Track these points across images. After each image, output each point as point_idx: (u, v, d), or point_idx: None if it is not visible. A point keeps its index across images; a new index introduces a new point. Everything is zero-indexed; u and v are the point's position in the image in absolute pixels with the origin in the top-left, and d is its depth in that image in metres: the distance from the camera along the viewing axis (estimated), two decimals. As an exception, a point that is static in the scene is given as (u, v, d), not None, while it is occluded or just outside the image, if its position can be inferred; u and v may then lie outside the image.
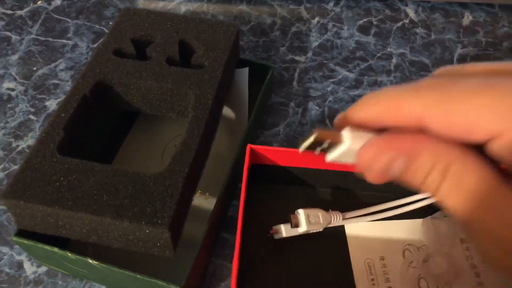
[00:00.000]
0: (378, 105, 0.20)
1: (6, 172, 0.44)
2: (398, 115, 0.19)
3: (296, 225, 0.33)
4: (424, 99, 0.18)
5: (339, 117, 0.23)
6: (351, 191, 0.42)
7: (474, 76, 0.19)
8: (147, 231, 0.30)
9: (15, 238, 0.33)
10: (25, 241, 0.33)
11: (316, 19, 0.58)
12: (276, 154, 0.38)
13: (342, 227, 0.39)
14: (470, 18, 0.59)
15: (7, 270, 0.38)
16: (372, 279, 0.37)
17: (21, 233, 0.33)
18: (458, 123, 0.17)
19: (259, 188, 0.40)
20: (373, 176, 0.20)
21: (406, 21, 0.59)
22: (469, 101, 0.17)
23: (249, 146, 0.37)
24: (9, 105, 0.49)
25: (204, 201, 0.41)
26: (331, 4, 0.60)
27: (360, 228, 0.39)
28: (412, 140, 0.19)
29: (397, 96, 0.20)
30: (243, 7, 0.59)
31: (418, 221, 0.40)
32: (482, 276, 0.37)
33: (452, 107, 0.18)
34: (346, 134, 0.21)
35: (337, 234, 0.39)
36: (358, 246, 0.39)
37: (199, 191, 0.42)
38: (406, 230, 0.40)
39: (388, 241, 0.39)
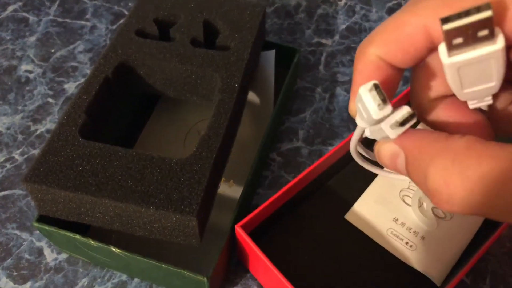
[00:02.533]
0: (378, 43, 0.17)
1: (25, 156, 0.43)
2: (405, 42, 0.17)
3: None
4: (426, 9, 0.16)
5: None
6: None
7: None
8: (174, 218, 0.28)
9: (36, 224, 0.32)
10: (46, 227, 0.32)
11: (343, 1, 0.56)
12: (260, 215, 0.35)
13: (345, 221, 0.38)
14: None
15: (27, 256, 0.37)
16: (406, 243, 0.37)
17: (42, 219, 0.32)
18: None
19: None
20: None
21: (438, 3, 0.56)
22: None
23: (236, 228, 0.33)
24: (27, 88, 0.48)
25: (228, 189, 0.40)
26: (358, -15, 0.58)
27: (359, 209, 0.39)
28: (413, 138, 0.17)
29: (396, 20, 0.17)
30: (266, -11, 0.57)
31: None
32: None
33: (459, 6, 0.15)
34: (500, 34, 0.15)
35: (343, 228, 0.38)
36: (371, 226, 0.38)
37: (223, 178, 0.40)
38: (389, 179, 0.40)
39: (386, 201, 0.39)
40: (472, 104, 0.18)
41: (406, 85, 0.48)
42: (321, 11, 0.55)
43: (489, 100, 0.18)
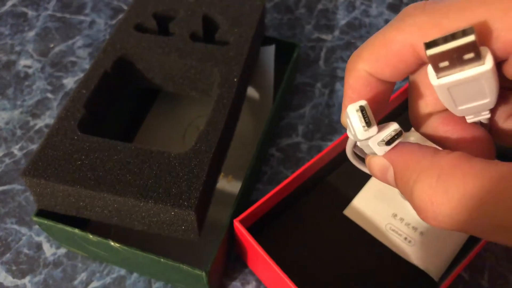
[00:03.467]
0: (367, 59, 0.17)
1: (24, 151, 0.43)
2: (392, 59, 0.17)
3: None
4: (413, 27, 0.16)
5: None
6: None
7: None
8: (172, 213, 0.28)
9: (35, 218, 0.32)
10: (45, 221, 0.32)
11: (343, -4, 0.56)
12: (260, 209, 0.35)
13: (344, 216, 0.38)
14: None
15: (26, 251, 0.37)
16: (405, 238, 0.37)
17: (41, 213, 0.32)
18: None
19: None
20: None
21: (438, -1, 0.56)
22: (467, 12, 0.14)
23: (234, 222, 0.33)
24: (26, 83, 0.48)
25: (227, 184, 0.40)
26: (358, -19, 0.57)
27: (358, 205, 0.39)
28: (401, 153, 0.17)
29: (383, 37, 0.17)
30: (266, -16, 0.57)
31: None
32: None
33: (447, 25, 0.15)
34: (489, 54, 0.15)
35: (342, 223, 0.38)
36: (370, 221, 0.38)
37: (222, 173, 0.40)
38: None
39: (385, 197, 0.39)
40: (470, 119, 0.18)
41: (405, 80, 0.48)
42: (321, 6, 0.55)
43: (486, 114, 0.18)
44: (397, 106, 0.42)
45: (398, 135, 0.17)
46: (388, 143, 0.17)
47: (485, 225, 0.14)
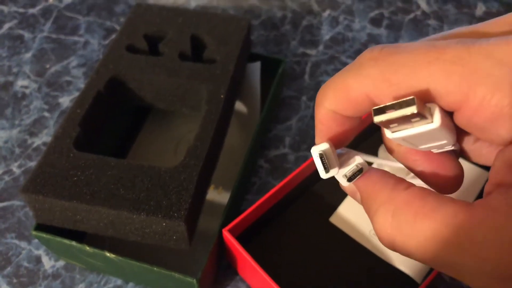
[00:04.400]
0: (331, 100, 0.18)
1: (23, 168, 0.45)
2: (352, 102, 0.18)
3: None
4: (367, 79, 0.17)
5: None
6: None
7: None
8: (164, 224, 0.30)
9: (34, 232, 0.34)
10: (44, 235, 0.33)
11: (327, 12, 0.58)
12: (247, 219, 0.37)
13: (330, 223, 0.40)
14: (483, 8, 0.59)
15: (25, 264, 0.39)
16: None
17: (39, 227, 0.34)
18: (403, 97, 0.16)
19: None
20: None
21: (418, 12, 0.58)
22: (414, 72, 0.15)
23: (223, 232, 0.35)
24: (24, 103, 0.50)
25: (217, 195, 0.42)
26: (342, -3, 0.60)
27: (343, 212, 0.40)
28: (365, 183, 0.18)
29: (343, 82, 0.18)
30: (253, 1, 0.59)
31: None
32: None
33: (395, 82, 0.16)
34: (437, 113, 0.15)
35: (328, 230, 0.40)
36: (354, 228, 0.40)
37: (212, 185, 0.42)
38: None
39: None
40: (435, 151, 0.19)
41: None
42: (305, 23, 0.57)
43: (450, 148, 0.18)
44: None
45: (360, 171, 0.18)
46: (350, 179, 0.19)
47: (435, 263, 0.15)
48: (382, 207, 0.17)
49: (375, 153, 0.44)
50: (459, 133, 0.18)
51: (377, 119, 0.16)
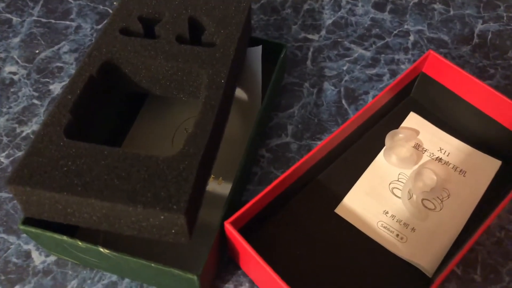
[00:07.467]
0: None
1: (11, 158, 0.42)
2: None
3: None
4: None
5: None
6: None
7: None
8: (162, 217, 0.28)
9: (22, 227, 0.32)
10: (33, 230, 0.31)
11: (329, -5, 0.56)
12: (250, 211, 0.34)
13: (335, 214, 0.39)
14: (490, -8, 0.57)
15: (14, 260, 0.37)
16: (397, 235, 0.37)
17: (28, 221, 0.32)
18: None
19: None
20: None
21: (423, -4, 0.56)
22: None
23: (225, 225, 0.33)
24: (12, 90, 0.47)
25: (217, 186, 0.40)
26: (344, -20, 0.58)
27: (349, 203, 0.39)
28: None
29: None
30: (252, -15, 0.57)
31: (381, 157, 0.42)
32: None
33: None
34: None
35: (334, 222, 0.38)
36: (361, 219, 0.38)
37: (212, 176, 0.40)
38: (379, 172, 0.41)
39: (376, 194, 0.39)
40: None
41: (393, 78, 0.48)
42: (307, 6, 0.55)
43: None
44: (386, 103, 0.42)
45: None
46: None
47: None
48: None
49: (382, 141, 0.42)
50: None
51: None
